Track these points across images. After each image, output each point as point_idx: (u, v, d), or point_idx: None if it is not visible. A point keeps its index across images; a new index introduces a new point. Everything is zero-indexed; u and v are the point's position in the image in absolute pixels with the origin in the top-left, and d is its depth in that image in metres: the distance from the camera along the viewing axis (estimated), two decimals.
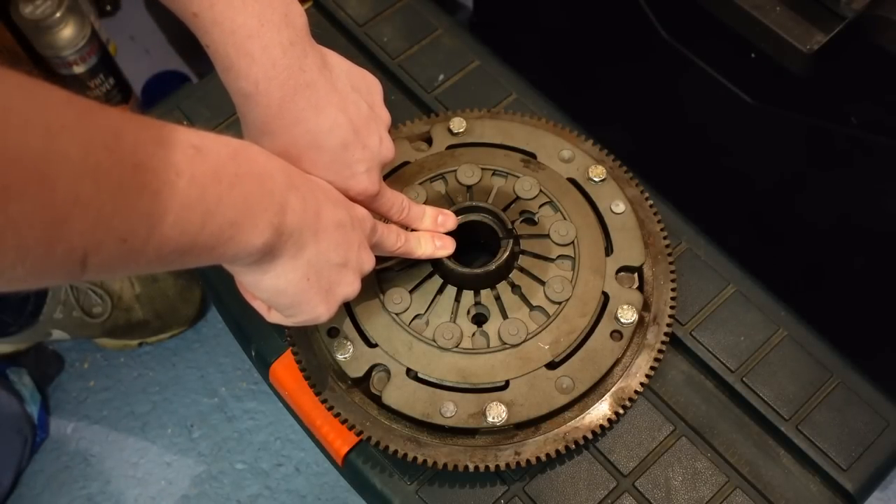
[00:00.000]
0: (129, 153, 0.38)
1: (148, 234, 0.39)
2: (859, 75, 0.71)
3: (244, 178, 0.45)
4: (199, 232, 0.42)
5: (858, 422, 0.65)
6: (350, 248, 0.55)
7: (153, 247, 0.40)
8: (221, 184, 0.43)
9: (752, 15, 0.69)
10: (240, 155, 0.46)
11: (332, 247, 0.53)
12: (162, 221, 0.40)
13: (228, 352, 1.23)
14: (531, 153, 0.74)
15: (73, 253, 0.36)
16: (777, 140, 0.82)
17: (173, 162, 0.40)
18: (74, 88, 1.32)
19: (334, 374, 0.66)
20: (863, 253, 0.83)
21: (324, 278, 0.54)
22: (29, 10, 1.19)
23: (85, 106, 0.37)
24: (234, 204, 0.44)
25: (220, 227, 0.44)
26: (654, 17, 0.83)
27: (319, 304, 0.54)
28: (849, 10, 0.66)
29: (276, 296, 0.53)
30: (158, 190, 0.39)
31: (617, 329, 0.65)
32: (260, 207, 0.46)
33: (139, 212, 0.38)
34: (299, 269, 0.51)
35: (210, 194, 0.43)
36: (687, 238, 0.73)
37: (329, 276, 0.54)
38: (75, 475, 1.17)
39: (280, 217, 0.48)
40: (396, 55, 0.83)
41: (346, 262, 0.55)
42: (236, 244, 0.45)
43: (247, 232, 0.46)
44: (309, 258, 0.52)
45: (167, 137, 0.41)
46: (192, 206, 0.41)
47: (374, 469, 0.65)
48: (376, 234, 0.59)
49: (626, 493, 0.63)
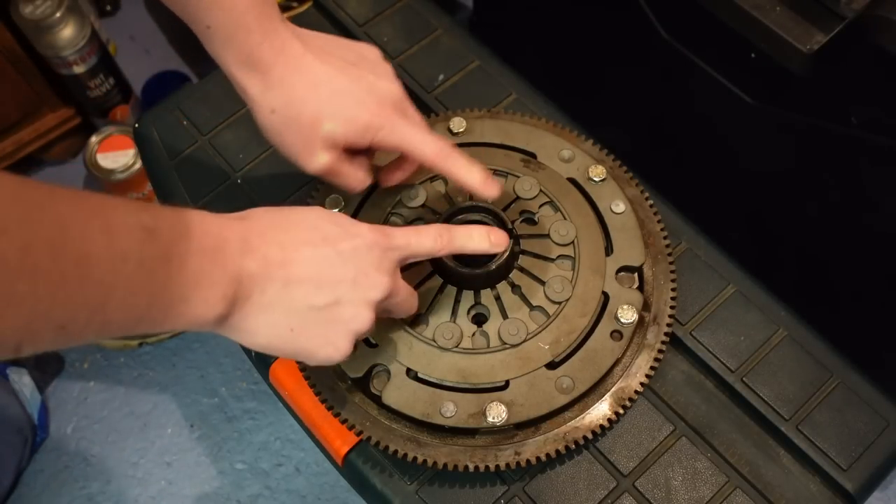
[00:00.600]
0: (73, 246, 0.38)
1: (89, 319, 0.39)
2: (859, 75, 0.71)
3: (195, 254, 0.45)
4: (146, 312, 0.42)
5: (858, 422, 0.65)
6: (339, 285, 0.53)
7: (94, 329, 0.40)
8: (171, 264, 0.43)
9: (752, 15, 0.69)
10: (192, 231, 0.46)
11: (311, 292, 0.52)
12: (105, 307, 0.40)
13: (228, 352, 1.23)
14: (531, 153, 0.74)
15: (5, 344, 0.36)
16: (777, 140, 0.82)
17: (121, 249, 0.40)
18: (74, 88, 1.32)
19: (334, 374, 0.66)
20: (863, 253, 0.83)
21: (312, 324, 0.52)
22: (29, 10, 1.19)
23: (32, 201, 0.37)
24: (183, 282, 0.44)
25: (168, 304, 0.44)
26: (654, 17, 0.83)
27: (322, 347, 0.53)
28: (849, 10, 0.66)
29: (266, 350, 0.52)
30: (101, 279, 0.39)
31: (617, 329, 0.65)
32: (209, 282, 0.46)
33: (80, 301, 0.38)
34: (278, 324, 0.51)
35: (158, 276, 0.42)
36: (687, 238, 0.73)
37: (319, 320, 0.52)
38: (75, 475, 1.17)
39: (234, 287, 0.47)
40: (396, 55, 0.83)
41: (338, 299, 0.53)
42: (186, 319, 0.45)
43: (197, 307, 0.46)
44: (286, 310, 0.51)
45: (117, 223, 0.41)
46: (138, 289, 0.41)
47: (374, 469, 0.65)
48: (398, 250, 0.57)
49: (626, 493, 0.63)
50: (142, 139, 0.82)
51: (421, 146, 0.62)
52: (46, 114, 1.34)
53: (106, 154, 1.34)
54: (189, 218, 0.46)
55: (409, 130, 0.62)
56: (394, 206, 0.71)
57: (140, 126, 0.82)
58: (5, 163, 1.34)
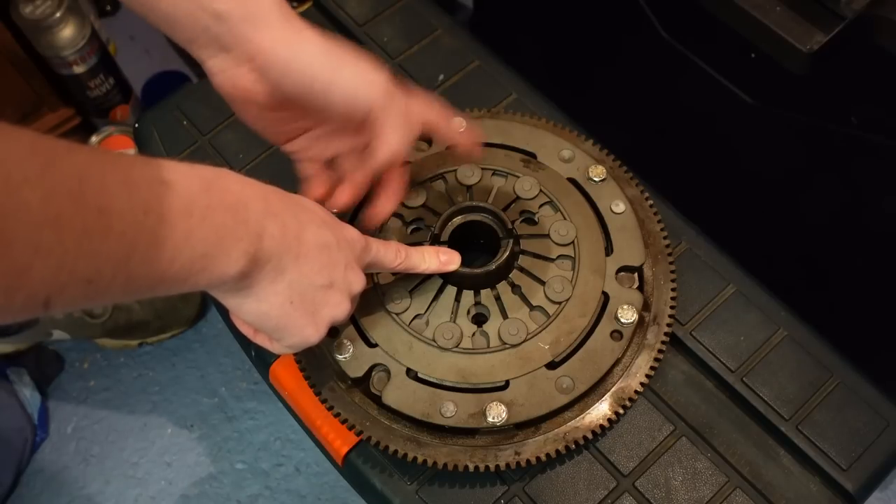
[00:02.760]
0: (93, 198, 0.38)
1: (114, 273, 0.39)
2: (859, 75, 0.71)
3: (216, 209, 0.45)
4: (169, 267, 0.42)
5: (858, 422, 0.65)
6: (335, 269, 0.55)
7: (119, 284, 0.40)
8: (192, 217, 0.43)
9: (752, 15, 0.69)
10: (213, 186, 0.46)
11: (315, 269, 0.53)
12: (129, 261, 0.40)
13: (228, 352, 1.23)
14: (531, 153, 0.74)
15: (35, 297, 0.36)
16: (777, 140, 0.82)
17: (141, 201, 0.40)
18: (74, 88, 1.32)
19: (334, 374, 0.66)
20: (863, 253, 0.83)
21: (308, 301, 0.53)
22: (29, 10, 1.19)
23: (50, 153, 0.37)
24: (205, 237, 0.44)
25: (190, 259, 0.43)
26: (654, 17, 0.83)
27: (306, 326, 0.54)
28: (849, 10, 0.66)
29: (260, 319, 0.53)
30: (124, 231, 0.39)
31: (617, 329, 0.65)
32: (233, 238, 0.46)
33: (104, 254, 0.38)
34: (282, 293, 0.51)
35: (179, 229, 0.42)
36: (687, 238, 0.73)
37: (314, 299, 0.54)
38: (75, 475, 1.17)
39: (256, 245, 0.48)
40: (396, 55, 0.83)
41: (332, 283, 0.54)
42: (209, 274, 0.45)
43: (220, 263, 0.45)
44: (291, 281, 0.51)
45: (135, 176, 0.41)
46: (160, 243, 0.41)
47: (374, 469, 0.65)
48: (370, 253, 0.59)
49: (626, 493, 0.63)
50: (142, 139, 0.82)
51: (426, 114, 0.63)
52: (46, 114, 1.34)
53: None
54: (208, 173, 0.46)
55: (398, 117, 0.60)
56: None
57: (140, 126, 0.82)
58: None
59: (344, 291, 0.56)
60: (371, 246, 0.59)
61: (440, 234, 0.68)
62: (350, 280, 0.56)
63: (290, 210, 0.52)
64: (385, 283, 0.67)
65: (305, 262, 0.52)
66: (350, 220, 0.69)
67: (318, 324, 0.55)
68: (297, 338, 0.55)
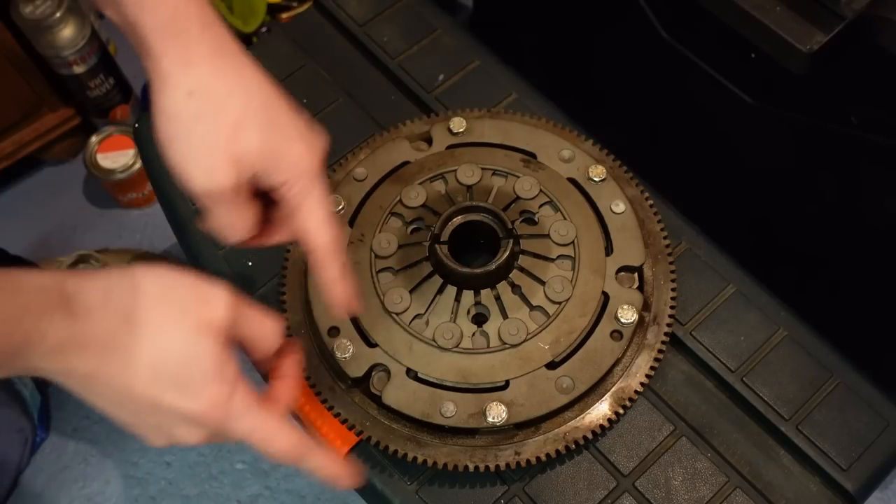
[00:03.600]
0: None
1: None
2: (859, 75, 0.71)
3: None
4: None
5: (858, 422, 0.65)
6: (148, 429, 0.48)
7: None
8: None
9: (752, 15, 0.69)
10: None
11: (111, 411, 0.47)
12: None
13: None
14: (531, 153, 0.74)
15: None
16: (777, 140, 0.82)
17: None
18: (74, 88, 1.32)
19: (334, 374, 0.66)
20: (863, 253, 0.83)
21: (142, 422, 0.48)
22: (29, 10, 1.19)
23: None
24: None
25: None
26: (654, 17, 0.83)
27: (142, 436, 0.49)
28: (849, 10, 0.66)
29: None
30: None
31: (617, 329, 0.65)
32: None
33: None
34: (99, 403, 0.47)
35: None
36: (687, 238, 0.73)
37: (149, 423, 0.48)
38: (75, 475, 1.17)
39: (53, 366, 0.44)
40: (396, 55, 0.83)
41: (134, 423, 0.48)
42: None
43: None
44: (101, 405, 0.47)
45: None
46: None
47: (374, 469, 0.65)
48: (231, 432, 0.49)
49: (626, 493, 0.63)
50: (142, 139, 0.82)
51: (318, 229, 0.52)
52: (46, 114, 1.34)
53: (106, 154, 1.34)
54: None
55: (320, 204, 0.52)
56: (393, 206, 0.71)
57: (140, 126, 0.82)
58: (5, 163, 1.34)
59: (163, 435, 0.48)
60: (234, 426, 0.48)
61: (440, 234, 0.68)
62: (173, 435, 0.48)
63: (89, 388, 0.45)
64: (385, 283, 0.67)
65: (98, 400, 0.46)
66: None
67: (154, 442, 0.49)
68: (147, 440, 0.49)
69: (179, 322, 0.46)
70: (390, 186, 0.72)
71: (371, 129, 0.79)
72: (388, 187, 0.72)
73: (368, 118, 0.79)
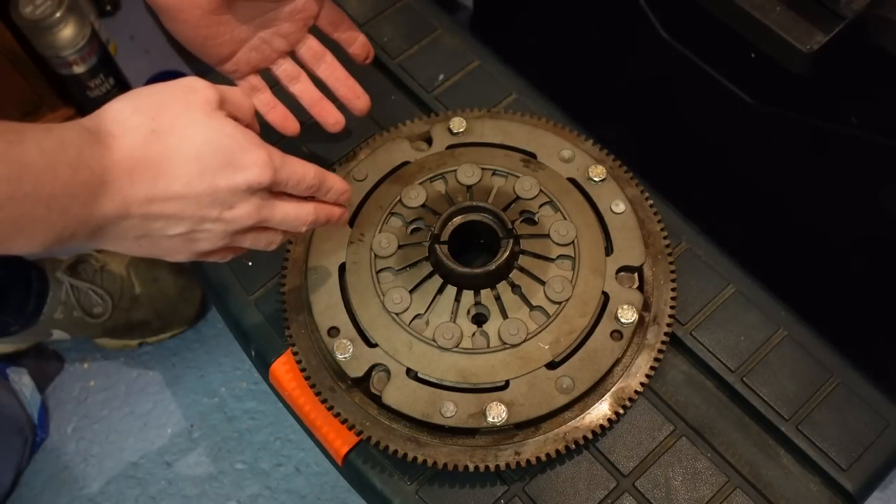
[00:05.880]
0: None
1: None
2: (859, 75, 0.71)
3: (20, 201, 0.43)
4: None
5: (858, 422, 0.65)
6: (202, 221, 0.51)
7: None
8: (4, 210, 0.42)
9: (752, 15, 0.69)
10: (24, 178, 0.43)
11: (168, 225, 0.50)
12: None
13: (228, 352, 1.23)
14: (531, 153, 0.74)
15: None
16: (777, 140, 0.82)
17: None
18: (74, 88, 1.32)
19: (334, 374, 0.66)
20: (862, 253, 0.83)
21: (163, 240, 0.51)
22: (29, 10, 1.19)
23: None
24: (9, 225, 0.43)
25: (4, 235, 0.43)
26: (654, 17, 0.83)
27: (165, 255, 0.53)
28: (849, 10, 0.66)
29: (129, 251, 0.52)
30: None
31: (617, 329, 0.65)
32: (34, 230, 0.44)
33: None
34: (128, 242, 0.50)
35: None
36: (687, 238, 0.73)
37: (170, 241, 0.51)
38: (75, 475, 1.17)
39: (71, 230, 0.46)
40: (396, 55, 0.83)
41: (192, 231, 0.52)
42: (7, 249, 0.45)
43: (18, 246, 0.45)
44: (138, 236, 0.50)
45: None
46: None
47: (374, 469, 0.65)
48: (278, 185, 0.54)
49: (626, 493, 0.63)
50: None
51: None
52: (46, 114, 1.34)
53: None
54: (28, 157, 0.43)
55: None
56: (394, 206, 0.71)
57: None
58: None
59: (214, 235, 0.53)
60: (280, 177, 0.53)
61: (440, 234, 0.68)
62: (227, 222, 0.52)
63: (143, 178, 0.48)
64: (385, 283, 0.67)
65: (155, 221, 0.49)
66: None
67: (176, 256, 0.53)
68: (170, 258, 0.54)
69: (190, 115, 0.50)
70: (390, 186, 0.72)
71: (371, 128, 0.79)
72: (389, 187, 0.72)
73: (368, 118, 0.79)
